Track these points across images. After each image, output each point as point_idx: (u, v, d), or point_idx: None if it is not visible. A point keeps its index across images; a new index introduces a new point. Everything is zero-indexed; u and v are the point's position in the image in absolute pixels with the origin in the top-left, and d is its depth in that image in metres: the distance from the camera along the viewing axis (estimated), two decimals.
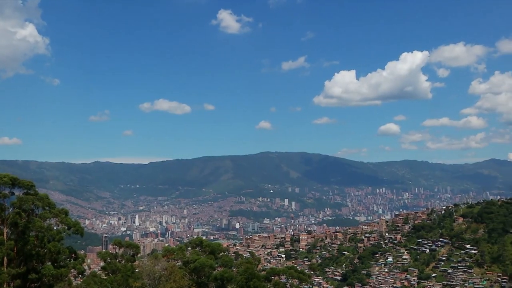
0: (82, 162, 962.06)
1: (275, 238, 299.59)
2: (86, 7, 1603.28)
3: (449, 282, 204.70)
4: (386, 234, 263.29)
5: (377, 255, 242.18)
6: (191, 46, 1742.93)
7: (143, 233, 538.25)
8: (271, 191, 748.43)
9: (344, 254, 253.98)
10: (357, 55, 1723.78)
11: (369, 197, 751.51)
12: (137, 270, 53.91)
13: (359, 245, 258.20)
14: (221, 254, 63.96)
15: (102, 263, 62.66)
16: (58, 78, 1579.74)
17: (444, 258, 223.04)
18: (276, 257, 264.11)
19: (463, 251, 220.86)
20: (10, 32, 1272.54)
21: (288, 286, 70.40)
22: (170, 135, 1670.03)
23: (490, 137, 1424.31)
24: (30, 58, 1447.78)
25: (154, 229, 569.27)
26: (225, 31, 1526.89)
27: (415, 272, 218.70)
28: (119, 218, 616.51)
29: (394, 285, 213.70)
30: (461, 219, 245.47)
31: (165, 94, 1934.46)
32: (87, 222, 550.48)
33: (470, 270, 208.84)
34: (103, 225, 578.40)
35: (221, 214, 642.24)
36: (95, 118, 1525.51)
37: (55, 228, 50.11)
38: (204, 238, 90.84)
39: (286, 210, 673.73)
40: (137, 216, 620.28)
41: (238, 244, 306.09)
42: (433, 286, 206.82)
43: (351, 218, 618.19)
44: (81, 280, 55.52)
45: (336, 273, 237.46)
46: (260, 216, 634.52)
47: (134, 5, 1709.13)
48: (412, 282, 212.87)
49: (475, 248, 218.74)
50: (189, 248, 65.36)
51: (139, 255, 69.06)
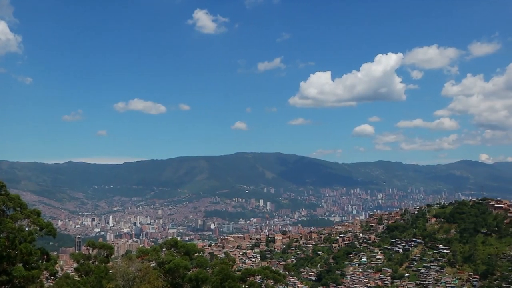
0: (55, 162, 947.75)
1: (250, 239, 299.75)
2: (60, 5, 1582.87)
3: (422, 282, 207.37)
4: (360, 235, 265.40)
5: (351, 255, 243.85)
6: (167, 45, 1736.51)
7: (117, 234, 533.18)
8: (246, 192, 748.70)
9: (318, 254, 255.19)
10: (332, 57, 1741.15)
11: (343, 197, 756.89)
12: (111, 271, 53.21)
13: (334, 245, 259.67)
14: (196, 254, 63.47)
15: (75, 265, 61.88)
16: (30, 77, 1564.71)
17: (417, 258, 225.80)
18: (251, 257, 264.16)
19: (436, 251, 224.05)
20: None
21: (263, 286, 70.34)
22: (145, 135, 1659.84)
23: (462, 138, 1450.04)
24: (1, 56, 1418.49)
25: (129, 230, 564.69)
26: (201, 31, 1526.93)
27: (389, 272, 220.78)
28: (93, 219, 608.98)
29: (368, 285, 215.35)
30: (433, 219, 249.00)
31: (139, 94, 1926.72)
32: (60, 223, 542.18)
33: (442, 270, 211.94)
34: (76, 226, 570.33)
35: (196, 214, 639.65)
36: (68, 118, 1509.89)
37: (27, 229, 49.15)
38: (179, 238, 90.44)
39: (261, 211, 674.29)
40: (111, 216, 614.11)
41: (213, 244, 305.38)
42: (406, 285, 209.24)
43: (326, 218, 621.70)
44: (53, 281, 54.55)
45: (310, 273, 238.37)
46: (235, 216, 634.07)
47: (109, 3, 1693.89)
48: (385, 282, 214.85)
49: (447, 248, 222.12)
50: (163, 249, 64.81)
51: (113, 256, 68.23)
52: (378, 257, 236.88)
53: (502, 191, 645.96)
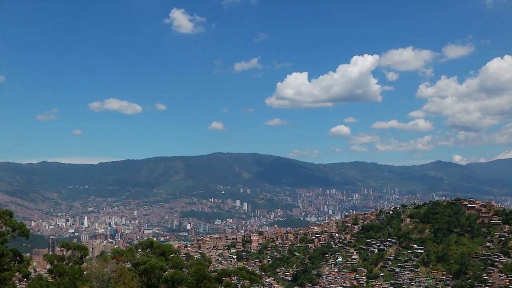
0: (28, 162, 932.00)
1: (227, 239, 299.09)
2: (34, 4, 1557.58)
3: (396, 281, 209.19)
4: (336, 235, 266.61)
5: (327, 255, 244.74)
6: (143, 45, 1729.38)
7: (92, 234, 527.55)
8: (223, 192, 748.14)
9: (295, 255, 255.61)
10: (309, 58, 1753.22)
11: (319, 198, 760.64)
12: (85, 273, 52.66)
13: (310, 245, 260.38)
14: (172, 255, 63.11)
15: (48, 266, 60.97)
16: (3, 75, 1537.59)
17: (392, 257, 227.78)
18: (227, 258, 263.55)
19: (410, 251, 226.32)
20: None
21: (239, 287, 70.27)
22: (120, 135, 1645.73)
23: (436, 139, 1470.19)
24: None
25: (103, 230, 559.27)
26: (177, 31, 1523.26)
27: (364, 271, 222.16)
28: (67, 220, 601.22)
29: (344, 285, 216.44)
30: (408, 220, 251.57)
31: (115, 93, 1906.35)
32: (33, 224, 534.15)
33: (416, 269, 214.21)
34: (50, 227, 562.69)
35: (172, 215, 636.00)
36: (42, 117, 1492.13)
37: None
38: (154, 239, 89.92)
39: (237, 211, 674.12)
40: (85, 217, 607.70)
41: (189, 245, 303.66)
42: (381, 285, 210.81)
43: (302, 218, 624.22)
44: (26, 283, 53.74)
45: (287, 273, 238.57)
46: (211, 217, 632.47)
47: (85, 1, 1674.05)
48: (361, 282, 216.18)
49: (422, 247, 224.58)
50: (139, 249, 64.32)
51: (88, 257, 67.52)
52: (353, 257, 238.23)
53: (475, 192, 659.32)
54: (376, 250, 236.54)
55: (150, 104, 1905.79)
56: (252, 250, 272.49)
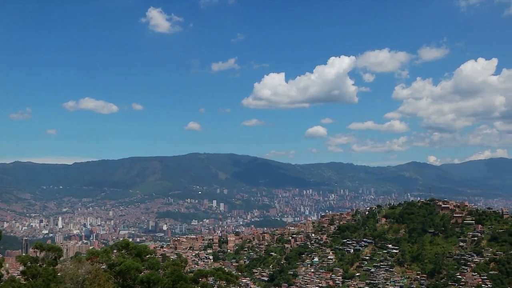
0: (1, 162, 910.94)
1: (203, 240, 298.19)
2: (7, 3, 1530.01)
3: (372, 281, 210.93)
4: (313, 235, 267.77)
5: (303, 256, 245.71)
6: (119, 44, 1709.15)
7: (67, 235, 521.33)
8: (199, 193, 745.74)
9: (271, 255, 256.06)
10: (286, 58, 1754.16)
11: (296, 198, 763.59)
12: (59, 274, 51.96)
13: (286, 245, 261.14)
14: (147, 256, 62.59)
15: (21, 267, 59.88)
16: None
17: (367, 257, 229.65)
18: (203, 258, 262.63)
19: (385, 251, 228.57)
20: None
21: (215, 287, 70.14)
22: (96, 135, 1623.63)
23: (411, 140, 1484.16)
24: None
25: (78, 231, 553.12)
26: (154, 30, 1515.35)
27: (340, 271, 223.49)
28: (41, 221, 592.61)
29: (320, 284, 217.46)
30: (383, 220, 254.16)
31: (91, 93, 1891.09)
32: (6, 225, 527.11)
33: (391, 269, 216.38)
34: (23, 227, 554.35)
35: (148, 215, 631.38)
36: (16, 116, 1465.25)
37: None
38: (130, 240, 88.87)
39: (214, 212, 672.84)
40: (60, 218, 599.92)
41: (165, 246, 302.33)
42: (357, 285, 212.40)
43: (279, 219, 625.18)
44: None
45: (263, 274, 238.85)
46: (188, 217, 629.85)
47: (60, 0, 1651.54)
48: (337, 282, 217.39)
49: (397, 247, 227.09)
50: (114, 250, 63.62)
51: (62, 259, 66.61)
52: (329, 257, 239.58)
53: (449, 192, 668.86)
54: (352, 250, 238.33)
55: (126, 103, 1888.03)
56: (228, 250, 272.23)
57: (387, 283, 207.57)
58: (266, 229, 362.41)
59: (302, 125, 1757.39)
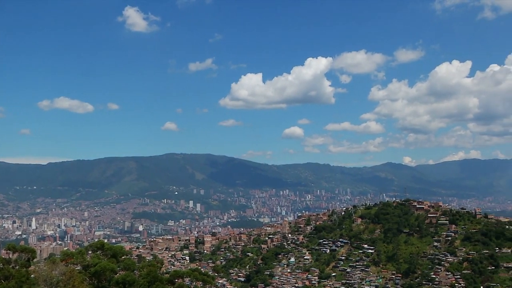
0: None
1: (179, 240, 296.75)
2: None
3: (348, 281, 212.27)
4: (289, 235, 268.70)
5: (280, 256, 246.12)
6: (95, 43, 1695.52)
7: (40, 236, 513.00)
8: (176, 193, 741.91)
9: (248, 255, 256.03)
10: (264, 59, 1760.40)
11: (273, 199, 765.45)
12: (32, 276, 51.23)
13: (263, 246, 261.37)
14: (123, 257, 62.04)
15: None
16: None
17: (343, 257, 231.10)
18: (180, 259, 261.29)
19: (361, 251, 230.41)
20: None
21: None
22: (71, 135, 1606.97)
23: (387, 141, 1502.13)
24: None
25: (52, 232, 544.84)
26: (131, 29, 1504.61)
27: (316, 272, 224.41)
28: (14, 222, 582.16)
29: (296, 285, 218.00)
30: (359, 220, 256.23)
31: (66, 92, 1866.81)
32: None
33: (367, 269, 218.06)
34: None
35: (124, 216, 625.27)
36: None
37: None
38: (105, 241, 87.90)
39: (190, 212, 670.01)
40: (33, 219, 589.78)
41: (141, 246, 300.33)
42: (333, 285, 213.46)
43: (256, 219, 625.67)
44: None
45: (240, 274, 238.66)
46: (164, 218, 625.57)
47: None
48: (313, 282, 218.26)
49: (372, 247, 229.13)
50: (89, 251, 62.90)
51: (35, 260, 65.71)
52: (306, 257, 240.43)
53: (424, 193, 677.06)
54: (328, 251, 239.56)
55: (102, 103, 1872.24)
56: (205, 251, 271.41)
57: (363, 283, 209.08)
58: (242, 229, 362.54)
59: (279, 125, 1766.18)
